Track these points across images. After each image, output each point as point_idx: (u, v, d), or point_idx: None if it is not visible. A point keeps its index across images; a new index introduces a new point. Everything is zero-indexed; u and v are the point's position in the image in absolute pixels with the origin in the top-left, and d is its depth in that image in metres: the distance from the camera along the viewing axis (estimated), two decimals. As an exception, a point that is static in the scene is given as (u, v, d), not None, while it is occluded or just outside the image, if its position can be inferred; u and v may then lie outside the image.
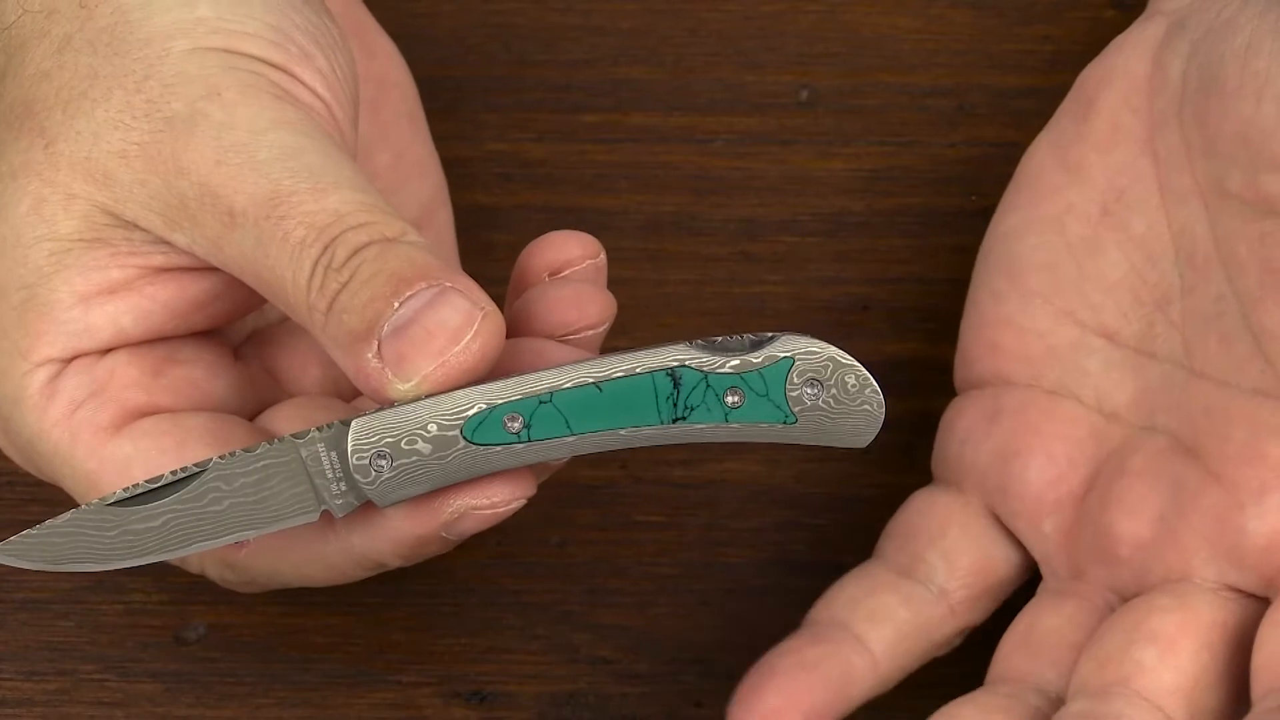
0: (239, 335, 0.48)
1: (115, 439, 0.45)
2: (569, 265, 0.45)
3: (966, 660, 0.52)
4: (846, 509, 0.53)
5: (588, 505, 0.53)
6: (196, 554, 0.44)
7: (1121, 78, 0.49)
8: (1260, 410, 0.46)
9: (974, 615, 0.49)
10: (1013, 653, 0.48)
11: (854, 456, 0.52)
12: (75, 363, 0.45)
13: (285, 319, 0.48)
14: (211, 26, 0.44)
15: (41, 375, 0.45)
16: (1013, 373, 0.50)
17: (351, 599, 0.52)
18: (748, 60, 0.58)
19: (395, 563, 0.44)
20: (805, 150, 0.57)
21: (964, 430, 0.50)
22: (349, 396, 0.48)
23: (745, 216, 0.56)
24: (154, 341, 0.45)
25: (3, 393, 0.45)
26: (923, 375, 0.54)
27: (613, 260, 0.46)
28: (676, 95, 0.58)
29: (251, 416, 0.46)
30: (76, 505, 0.44)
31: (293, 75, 0.45)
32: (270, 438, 0.44)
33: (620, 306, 0.45)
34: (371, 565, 0.45)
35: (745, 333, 0.41)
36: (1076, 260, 0.49)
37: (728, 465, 0.53)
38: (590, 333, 0.44)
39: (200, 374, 0.46)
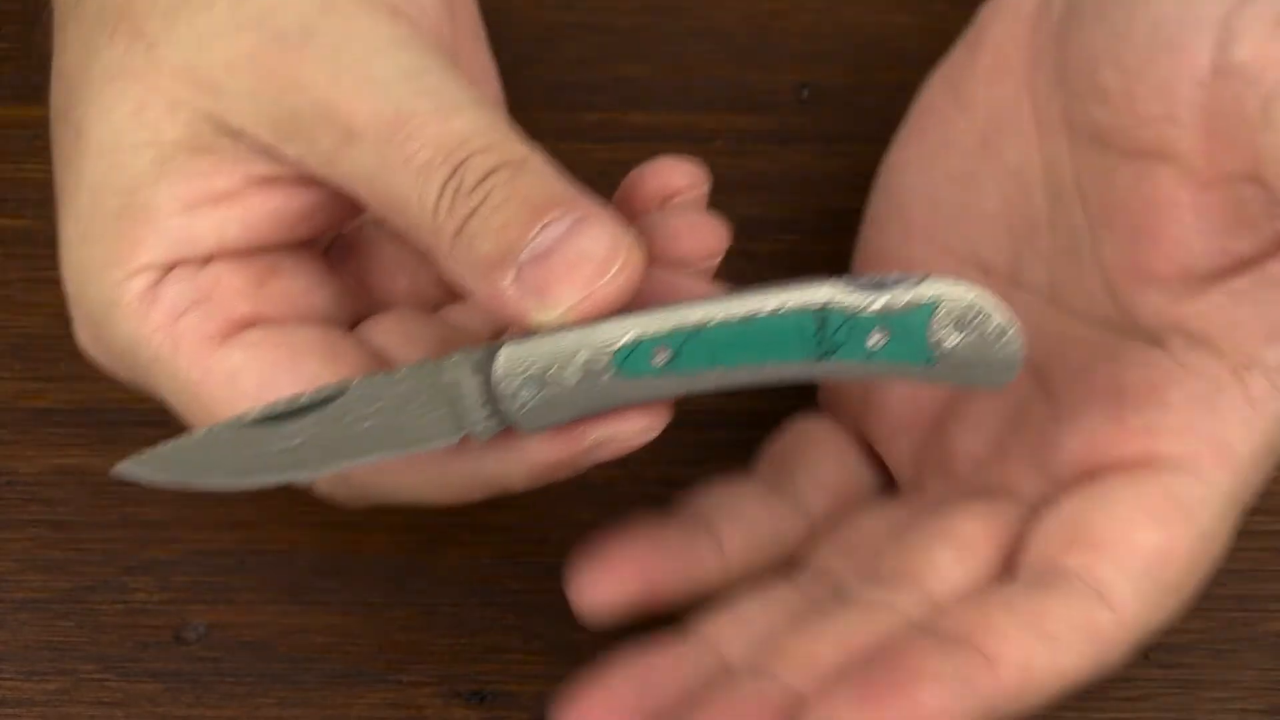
0: (324, 243, 0.48)
1: (222, 348, 0.44)
2: (677, 194, 0.45)
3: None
4: (847, 508, 0.53)
5: (588, 505, 0.53)
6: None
7: (1010, 10, 0.50)
8: (1101, 338, 0.47)
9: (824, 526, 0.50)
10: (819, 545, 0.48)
11: (854, 456, 0.52)
12: (176, 270, 0.44)
13: (362, 226, 0.48)
14: None
15: (140, 281, 0.44)
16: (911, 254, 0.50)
17: (351, 599, 0.52)
18: (748, 59, 0.58)
19: (523, 486, 0.44)
20: (806, 149, 0.57)
21: None
22: (436, 305, 0.47)
23: (745, 215, 0.56)
24: (256, 252, 0.45)
25: (96, 298, 0.44)
26: (923, 374, 0.54)
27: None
28: (676, 94, 0.58)
29: (349, 327, 0.46)
30: (183, 426, 0.44)
31: None
32: (377, 355, 0.44)
33: (620, 305, 0.45)
34: (497, 488, 0.44)
35: (892, 272, 0.41)
36: (956, 192, 0.49)
37: (729, 464, 0.53)
38: (709, 263, 0.44)
39: (302, 285, 0.46)
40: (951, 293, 0.41)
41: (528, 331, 0.42)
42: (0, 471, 0.53)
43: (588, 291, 0.41)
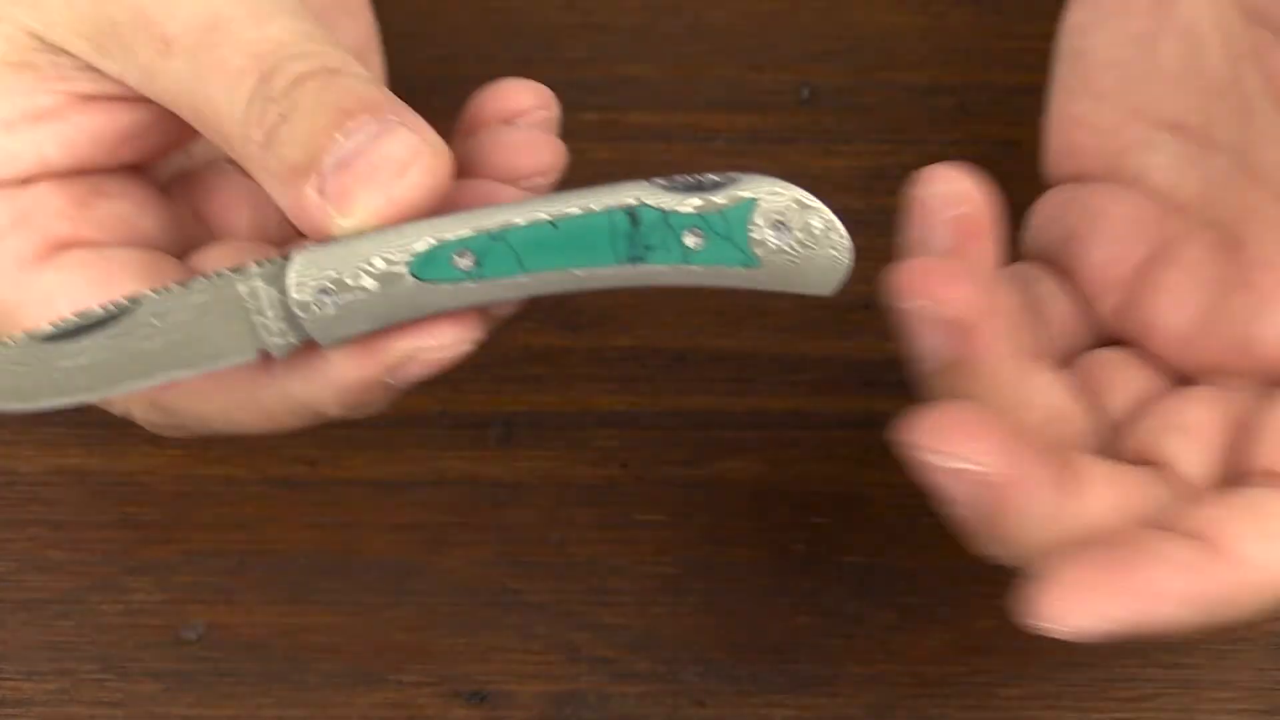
0: (165, 176, 0.46)
1: (39, 269, 0.43)
2: (521, 114, 0.44)
3: (963, 661, 0.52)
4: (847, 508, 0.53)
5: (588, 505, 0.53)
6: (122, 400, 0.43)
7: None
8: None
9: None
10: None
11: (855, 458, 0.52)
12: None
13: (212, 161, 0.46)
14: None
15: None
16: (1090, 169, 0.49)
17: (351, 599, 0.52)
18: (748, 58, 0.58)
19: (335, 412, 0.42)
20: (806, 148, 0.57)
21: (1041, 219, 0.49)
22: (279, 242, 0.46)
23: (746, 215, 0.56)
24: (80, 174, 0.44)
25: None
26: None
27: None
28: (677, 93, 0.58)
29: (180, 257, 0.45)
30: None
31: None
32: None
33: (620, 304, 0.45)
34: (309, 414, 0.43)
35: (707, 172, 0.40)
36: (1138, 53, 0.48)
37: (729, 464, 0.53)
38: (541, 180, 0.43)
39: (128, 209, 0.44)
40: (772, 189, 0.40)
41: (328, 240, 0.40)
42: (0, 471, 0.53)
43: (386, 194, 0.39)
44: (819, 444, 0.48)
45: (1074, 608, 0.40)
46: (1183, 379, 0.46)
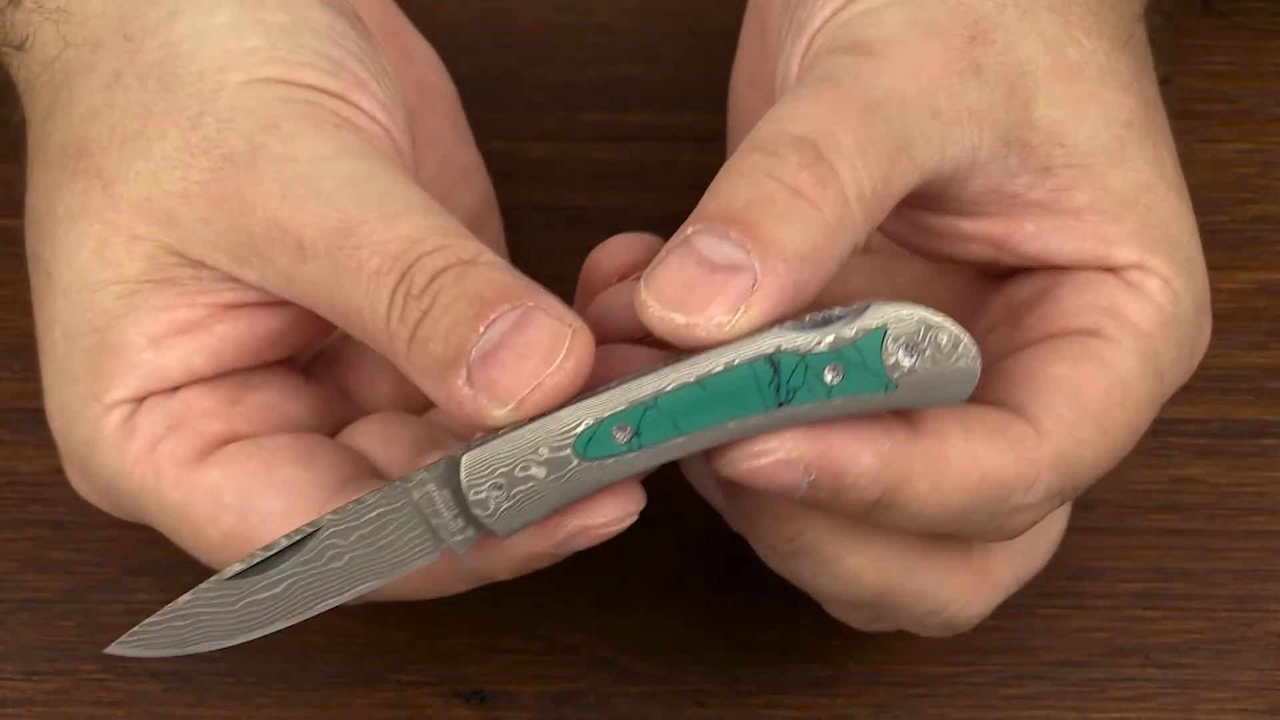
0: (306, 356, 0.48)
1: (201, 468, 0.44)
2: (636, 269, 0.44)
3: (962, 661, 0.52)
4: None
5: (588, 505, 0.53)
6: None
7: None
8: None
9: None
10: None
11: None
12: (148, 401, 0.44)
13: (348, 336, 0.47)
14: (264, 56, 0.44)
15: (116, 416, 0.44)
16: None
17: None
18: (748, 59, 0.58)
19: (505, 578, 0.44)
20: (806, 149, 0.57)
21: None
22: (421, 409, 0.47)
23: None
24: (226, 374, 0.45)
25: (78, 436, 0.45)
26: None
27: (613, 260, 0.46)
28: (677, 94, 0.58)
29: (330, 435, 0.46)
30: (157, 536, 0.44)
31: (350, 102, 0.44)
32: (361, 458, 0.44)
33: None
34: (479, 581, 0.44)
35: (833, 306, 0.41)
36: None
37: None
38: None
39: (276, 398, 0.46)
40: (898, 314, 0.41)
41: (489, 432, 0.41)
42: (0, 471, 0.53)
43: (536, 382, 0.40)
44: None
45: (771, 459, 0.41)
46: None
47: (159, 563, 0.52)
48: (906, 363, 0.41)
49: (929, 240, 0.45)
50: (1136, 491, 0.54)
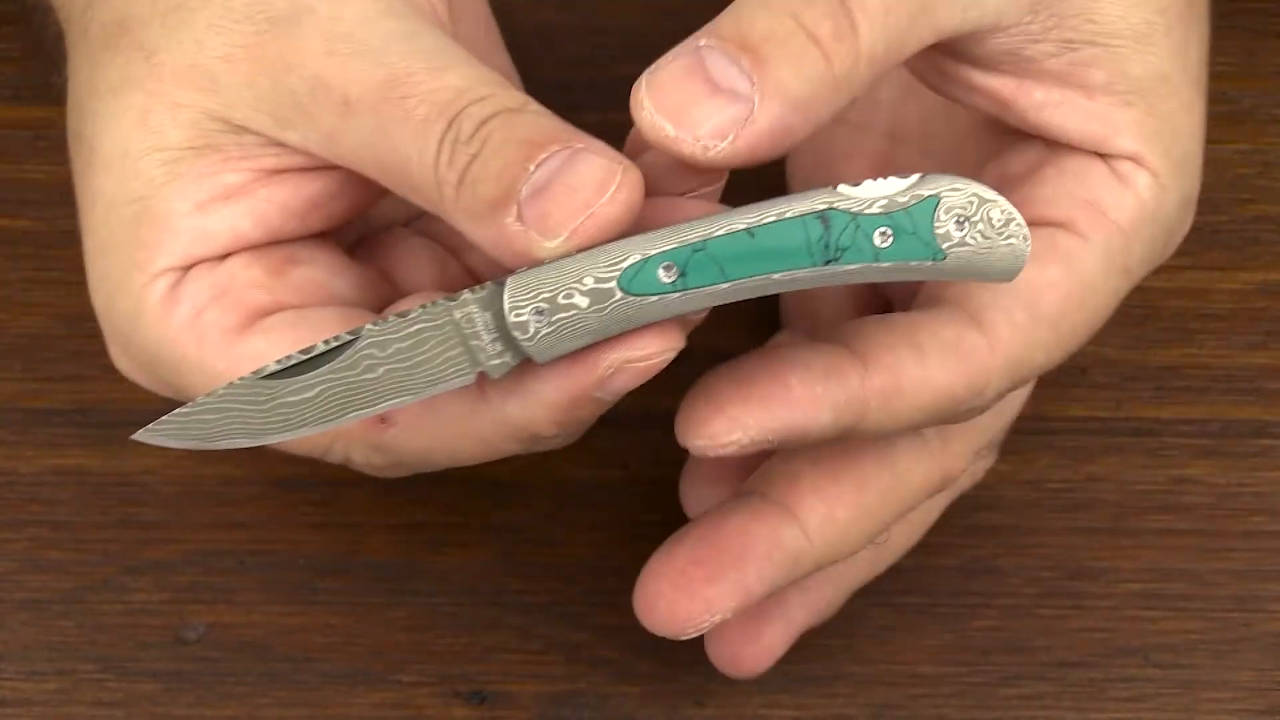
0: (346, 243, 0.48)
1: (245, 337, 0.44)
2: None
3: (961, 662, 0.52)
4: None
5: (588, 505, 0.53)
6: (342, 442, 0.44)
7: None
8: (982, 141, 0.48)
9: None
10: None
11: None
12: (194, 270, 0.44)
13: (390, 225, 0.48)
14: None
15: (161, 285, 0.44)
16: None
17: (351, 599, 0.52)
18: (748, 59, 0.58)
19: (549, 432, 0.43)
20: (806, 149, 0.57)
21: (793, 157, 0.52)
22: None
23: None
24: (272, 245, 0.45)
25: (122, 309, 0.45)
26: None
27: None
28: (677, 94, 0.58)
29: (374, 313, 0.46)
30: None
31: None
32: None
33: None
34: (526, 436, 0.44)
35: (891, 174, 0.41)
36: None
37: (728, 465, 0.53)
38: (709, 189, 0.43)
39: (321, 274, 0.45)
40: (953, 185, 0.41)
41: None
42: (0, 471, 0.53)
43: (588, 213, 0.41)
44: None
45: (720, 422, 0.43)
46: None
47: (159, 562, 0.52)
48: (957, 234, 0.41)
49: (938, 79, 0.46)
50: (1136, 492, 0.54)
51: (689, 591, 0.45)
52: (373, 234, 0.48)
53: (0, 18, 0.58)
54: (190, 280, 0.44)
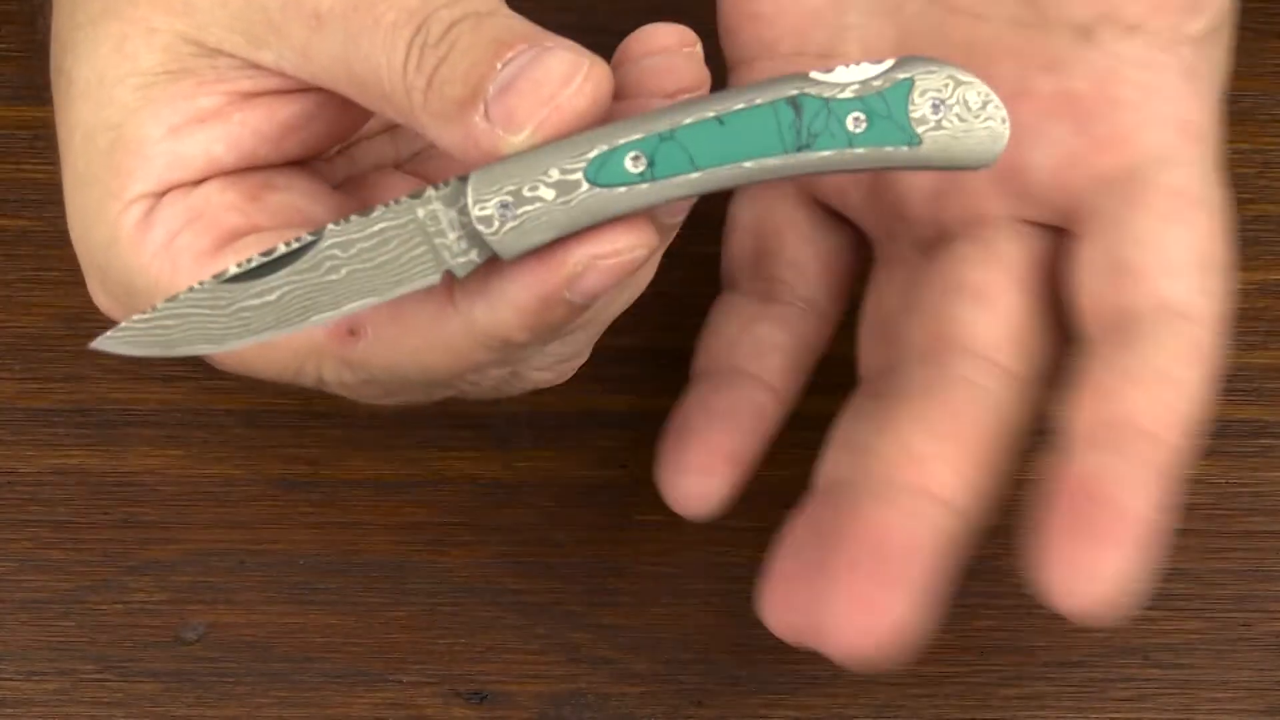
0: (332, 181, 0.48)
1: (217, 258, 0.44)
2: (666, 50, 0.44)
3: (961, 662, 0.52)
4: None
5: (588, 505, 0.53)
6: (313, 361, 0.44)
7: None
8: (1021, 42, 0.46)
9: (840, 310, 0.50)
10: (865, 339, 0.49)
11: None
12: (169, 195, 0.44)
13: (377, 165, 0.48)
14: None
15: (135, 212, 0.44)
16: (778, 42, 0.49)
17: (351, 599, 0.52)
18: (748, 59, 0.58)
19: (521, 337, 0.43)
20: (805, 149, 0.57)
21: None
22: None
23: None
24: (248, 170, 0.45)
25: (98, 239, 0.45)
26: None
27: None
28: (677, 94, 0.58)
29: None
30: None
31: None
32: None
33: (620, 306, 0.45)
34: (497, 344, 0.43)
35: (864, 61, 0.41)
36: None
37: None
38: (685, 96, 0.43)
39: (299, 200, 0.45)
40: (927, 68, 0.41)
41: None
42: (0, 471, 0.53)
43: (554, 104, 0.40)
44: (817, 444, 0.48)
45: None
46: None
47: (159, 562, 0.52)
48: (933, 118, 0.41)
49: None
50: (1136, 491, 0.54)
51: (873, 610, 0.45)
52: (361, 174, 0.48)
53: (0, 18, 0.58)
54: (164, 206, 0.44)
